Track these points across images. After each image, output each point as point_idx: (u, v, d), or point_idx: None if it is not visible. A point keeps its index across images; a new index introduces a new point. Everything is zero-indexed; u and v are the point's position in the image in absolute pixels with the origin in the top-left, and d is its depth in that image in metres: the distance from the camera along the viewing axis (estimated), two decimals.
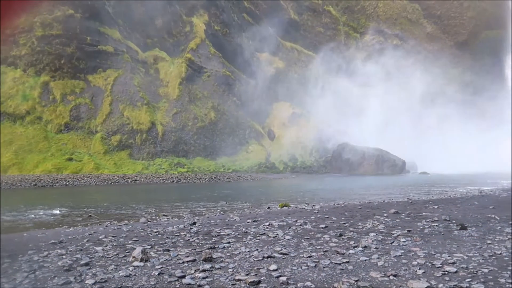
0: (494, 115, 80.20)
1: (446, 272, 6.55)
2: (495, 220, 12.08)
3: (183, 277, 6.56)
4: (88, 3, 70.25)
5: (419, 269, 6.78)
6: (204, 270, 6.92)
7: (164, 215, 16.92)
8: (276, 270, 6.89)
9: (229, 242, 9.40)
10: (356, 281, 6.24)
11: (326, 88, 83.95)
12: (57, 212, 19.09)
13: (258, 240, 9.60)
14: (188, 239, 9.95)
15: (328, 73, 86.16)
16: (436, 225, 11.24)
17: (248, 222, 12.65)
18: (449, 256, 7.54)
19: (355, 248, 8.42)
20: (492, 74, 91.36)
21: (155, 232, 11.24)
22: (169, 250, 8.61)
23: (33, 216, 17.78)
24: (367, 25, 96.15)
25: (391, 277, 6.38)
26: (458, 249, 8.17)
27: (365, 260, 7.46)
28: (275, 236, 10.01)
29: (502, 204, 16.60)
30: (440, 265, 6.94)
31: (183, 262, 7.50)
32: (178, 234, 10.79)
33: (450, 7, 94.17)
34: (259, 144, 77.41)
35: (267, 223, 12.13)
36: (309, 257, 7.77)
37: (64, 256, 8.16)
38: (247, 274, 6.66)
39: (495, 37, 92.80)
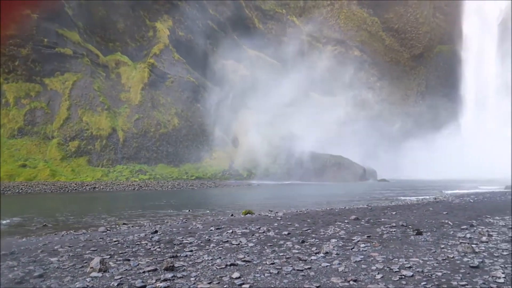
0: (448, 125, 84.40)
1: (403, 276, 6.79)
2: (448, 225, 12.66)
3: (144, 287, 6.41)
4: (47, 3, 67.62)
5: (378, 273, 6.98)
6: (165, 280, 6.78)
7: (124, 224, 16.46)
8: (239, 277, 6.87)
9: (191, 251, 9.28)
10: (317, 287, 6.33)
11: (290, 96, 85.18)
12: (7, 221, 18.08)
13: (221, 248, 9.54)
14: (149, 248, 9.73)
15: (291, 81, 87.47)
16: (394, 231, 11.63)
17: (211, 230, 12.55)
18: (406, 261, 7.82)
19: (317, 254, 8.55)
20: (445, 86, 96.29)
21: (115, 241, 10.90)
22: (129, 260, 8.38)
23: None
24: (329, 36, 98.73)
25: (351, 282, 6.53)
26: (414, 254, 8.49)
27: (327, 266, 7.60)
28: (238, 244, 9.99)
29: (454, 210, 17.44)
30: (398, 270, 7.18)
31: (143, 272, 7.32)
32: (139, 243, 10.53)
33: (407, 22, 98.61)
34: (223, 151, 77.20)
35: (230, 231, 12.08)
36: (272, 264, 7.81)
37: (15, 268, 7.74)
38: (209, 283, 6.60)
39: (447, 51, 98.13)
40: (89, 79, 69.06)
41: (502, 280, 6.46)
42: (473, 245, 8.94)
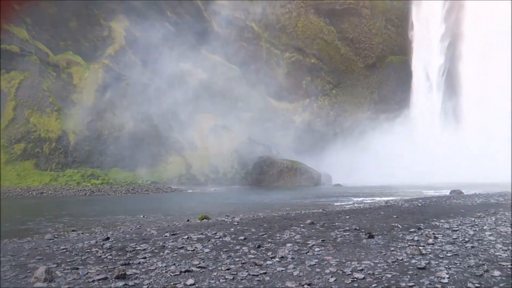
0: (400, 132, 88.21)
1: (355, 279, 6.98)
2: (398, 229, 13.18)
3: None
4: None
5: (331, 277, 7.13)
6: None
7: (73, 230, 15.76)
8: (194, 284, 6.76)
9: (145, 257, 9.03)
10: None
11: (248, 101, 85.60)
12: None
13: (175, 254, 9.35)
14: (100, 256, 9.36)
15: (250, 86, 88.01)
16: (348, 234, 11.94)
17: (166, 236, 12.28)
18: (358, 264, 8.04)
19: (273, 259, 8.60)
20: (396, 94, 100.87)
21: (63, 249, 10.40)
22: (78, 268, 8.01)
23: None
24: (287, 43, 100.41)
25: (306, 286, 6.62)
26: (366, 257, 8.76)
27: (282, 270, 7.65)
28: (194, 250, 9.85)
29: (404, 214, 18.20)
30: (350, 272, 7.36)
31: (93, 281, 7.03)
32: (89, 250, 10.10)
33: (361, 32, 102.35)
34: (180, 155, 76.00)
35: (186, 236, 11.89)
36: (228, 269, 7.76)
37: None
38: None
39: (398, 62, 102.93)
40: (38, 78, 65.71)
41: (446, 281, 6.81)
42: (420, 247, 9.36)
